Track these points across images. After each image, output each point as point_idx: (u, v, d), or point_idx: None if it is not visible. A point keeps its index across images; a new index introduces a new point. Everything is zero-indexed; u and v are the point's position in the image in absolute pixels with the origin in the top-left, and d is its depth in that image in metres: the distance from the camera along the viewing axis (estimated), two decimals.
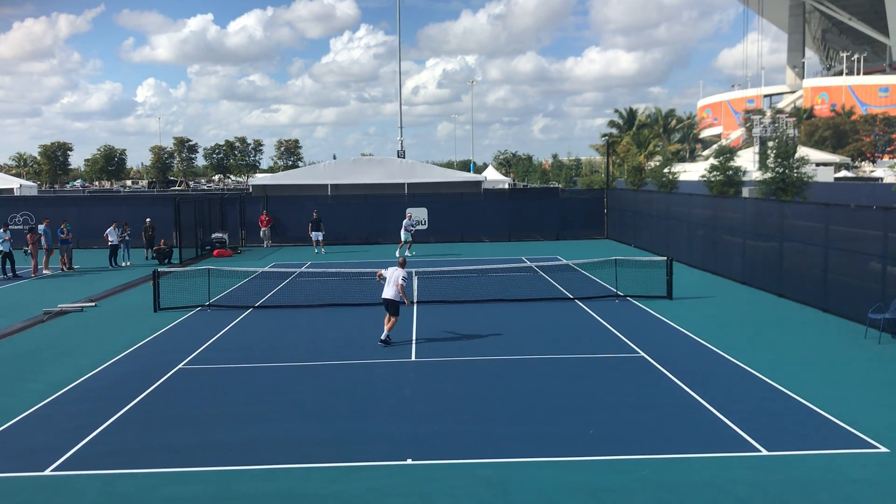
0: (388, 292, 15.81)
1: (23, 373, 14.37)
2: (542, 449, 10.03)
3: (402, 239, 32.58)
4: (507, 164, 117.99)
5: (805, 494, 8.55)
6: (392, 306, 15.88)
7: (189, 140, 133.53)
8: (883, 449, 9.82)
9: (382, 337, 15.92)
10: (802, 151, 32.85)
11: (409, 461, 9.71)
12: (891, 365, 13.81)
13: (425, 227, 38.77)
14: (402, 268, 16.04)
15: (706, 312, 18.92)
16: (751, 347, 15.21)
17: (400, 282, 15.75)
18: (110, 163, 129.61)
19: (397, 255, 31.90)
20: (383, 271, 16.28)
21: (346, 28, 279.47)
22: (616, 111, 65.99)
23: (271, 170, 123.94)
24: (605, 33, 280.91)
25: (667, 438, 10.35)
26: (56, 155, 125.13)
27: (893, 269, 15.91)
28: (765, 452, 9.78)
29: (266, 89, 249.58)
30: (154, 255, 32.08)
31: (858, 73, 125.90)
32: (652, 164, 43.64)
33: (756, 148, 55.61)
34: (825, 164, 62.37)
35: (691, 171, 52.87)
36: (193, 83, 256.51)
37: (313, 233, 34.85)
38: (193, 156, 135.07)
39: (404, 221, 32.88)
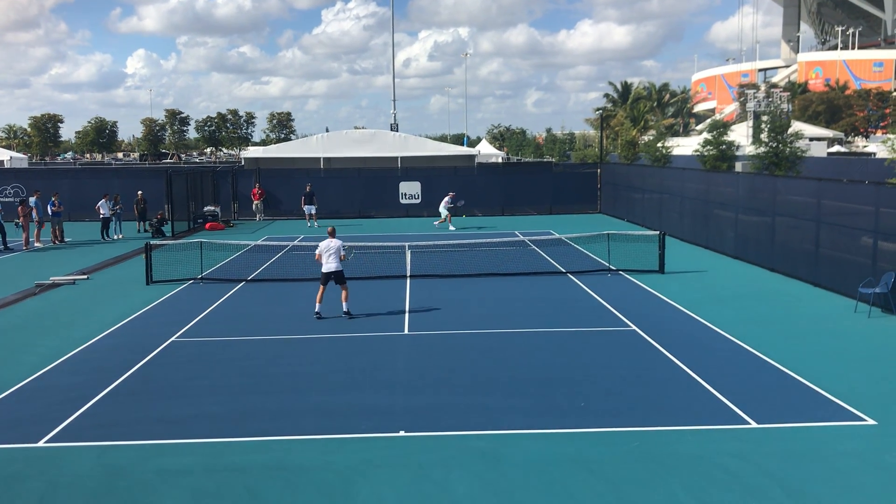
0: (332, 265, 15.89)
1: (15, 345, 14.36)
2: (534, 421, 10.10)
3: (445, 214, 32.78)
4: (500, 138, 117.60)
5: (794, 466, 8.64)
6: (339, 277, 15.99)
7: (181, 112, 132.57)
8: (871, 421, 9.92)
9: (345, 309, 16.09)
10: (796, 126, 32.87)
11: (402, 433, 9.77)
12: (880, 339, 13.91)
13: (419, 200, 38.71)
14: (333, 237, 16.27)
15: (698, 286, 18.99)
16: (742, 321, 15.30)
17: (342, 253, 15.98)
18: (101, 135, 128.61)
19: (437, 224, 32.40)
20: (319, 250, 16.12)
21: None
22: (611, 84, 65.74)
23: (263, 143, 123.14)
24: (597, 6, 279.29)
25: (657, 411, 10.44)
26: (46, 127, 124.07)
27: (884, 244, 15.98)
28: (754, 425, 9.87)
29: (256, 61, 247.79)
30: (149, 227, 31.88)
31: (853, 48, 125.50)
32: (646, 138, 43.60)
33: (750, 122, 55.53)
34: (818, 139, 62.31)
35: (685, 146, 52.78)
36: (183, 55, 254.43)
37: (306, 206, 34.74)
38: (185, 128, 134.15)
39: (447, 198, 33.05)
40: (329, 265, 15.91)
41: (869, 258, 16.48)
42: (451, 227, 32.43)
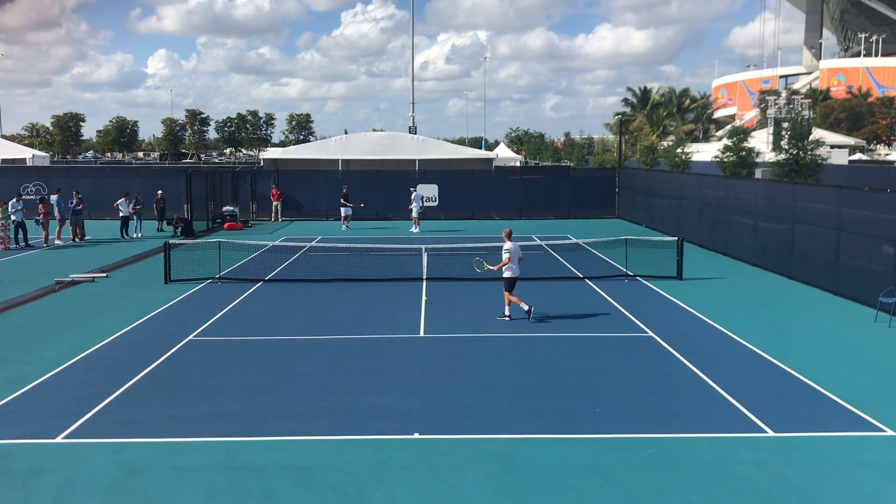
0: (516, 270, 15.89)
1: (35, 341, 14.50)
2: (549, 425, 10.07)
3: (415, 215, 32.76)
4: (518, 141, 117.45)
5: (810, 476, 8.56)
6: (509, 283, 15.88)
7: (201, 112, 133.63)
8: (889, 432, 9.82)
9: (525, 308, 15.76)
10: (817, 133, 32.66)
11: (416, 435, 9.77)
12: None
13: (436, 203, 38.71)
14: (509, 239, 15.94)
15: (716, 293, 18.88)
16: (759, 329, 15.18)
17: (519, 255, 15.96)
18: (122, 134, 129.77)
19: (414, 230, 32.21)
20: (510, 254, 15.74)
21: (355, 0, 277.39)
22: (629, 90, 65.56)
23: (282, 144, 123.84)
24: (616, 10, 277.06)
25: (673, 418, 10.38)
26: (68, 126, 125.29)
27: None
28: (771, 433, 9.79)
29: (275, 62, 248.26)
30: (174, 225, 31.84)
31: (877, 55, 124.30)
32: (665, 143, 43.44)
33: (770, 129, 55.18)
34: (840, 147, 61.76)
35: (704, 152, 52.45)
36: (203, 55, 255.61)
37: (344, 208, 34.27)
38: (205, 128, 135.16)
39: (416, 195, 33.05)
40: (516, 269, 15.88)
41: (890, 267, 16.31)
42: (416, 230, 32.50)
